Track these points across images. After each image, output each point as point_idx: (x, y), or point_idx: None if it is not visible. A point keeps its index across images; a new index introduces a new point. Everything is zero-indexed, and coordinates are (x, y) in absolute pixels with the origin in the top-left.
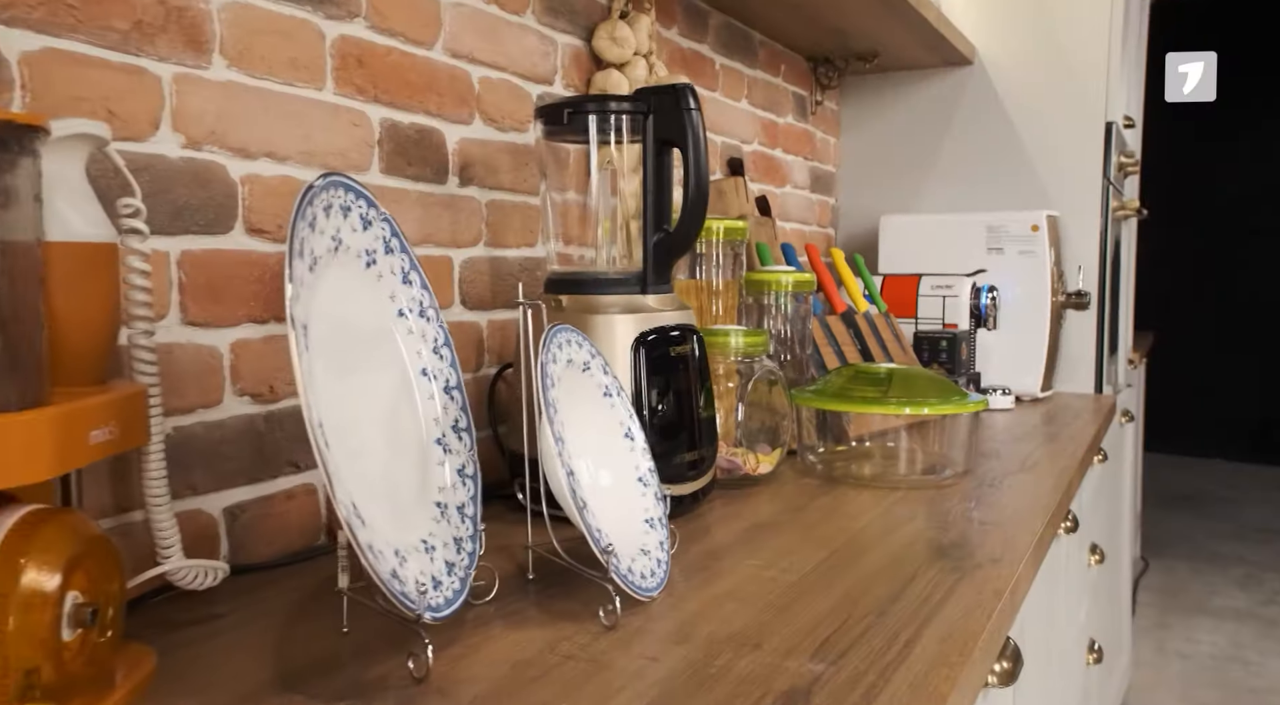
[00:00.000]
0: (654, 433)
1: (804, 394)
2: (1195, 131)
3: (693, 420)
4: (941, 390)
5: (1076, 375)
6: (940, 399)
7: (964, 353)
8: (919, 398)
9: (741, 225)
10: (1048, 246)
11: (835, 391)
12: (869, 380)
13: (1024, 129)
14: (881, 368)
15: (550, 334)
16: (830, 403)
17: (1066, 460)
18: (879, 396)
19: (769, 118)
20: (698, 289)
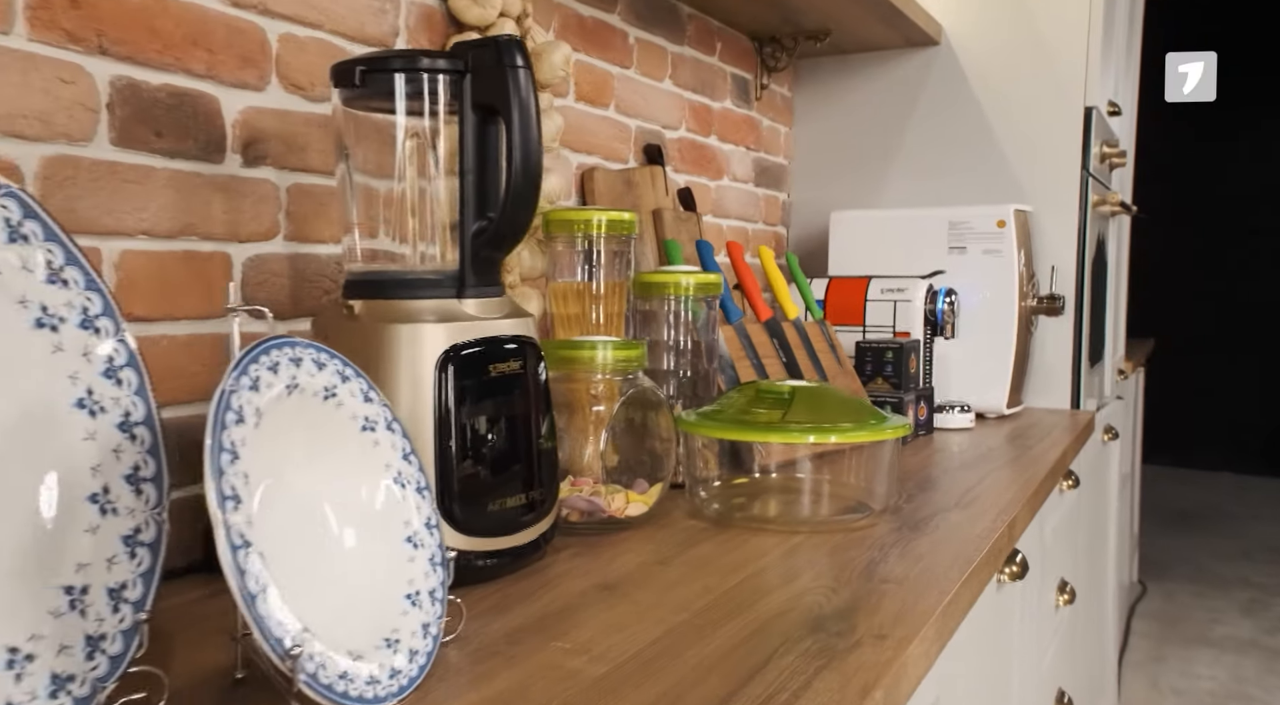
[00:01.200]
0: (469, 471)
1: (689, 418)
2: (1197, 130)
3: (529, 454)
4: (855, 413)
5: (1051, 389)
6: (853, 424)
7: (913, 365)
8: (823, 422)
9: (627, 218)
10: (1015, 245)
11: (730, 414)
12: (771, 401)
13: (995, 115)
14: (786, 386)
15: (251, 352)
16: (716, 429)
17: (1016, 492)
18: (777, 421)
19: (701, 101)
20: (578, 293)
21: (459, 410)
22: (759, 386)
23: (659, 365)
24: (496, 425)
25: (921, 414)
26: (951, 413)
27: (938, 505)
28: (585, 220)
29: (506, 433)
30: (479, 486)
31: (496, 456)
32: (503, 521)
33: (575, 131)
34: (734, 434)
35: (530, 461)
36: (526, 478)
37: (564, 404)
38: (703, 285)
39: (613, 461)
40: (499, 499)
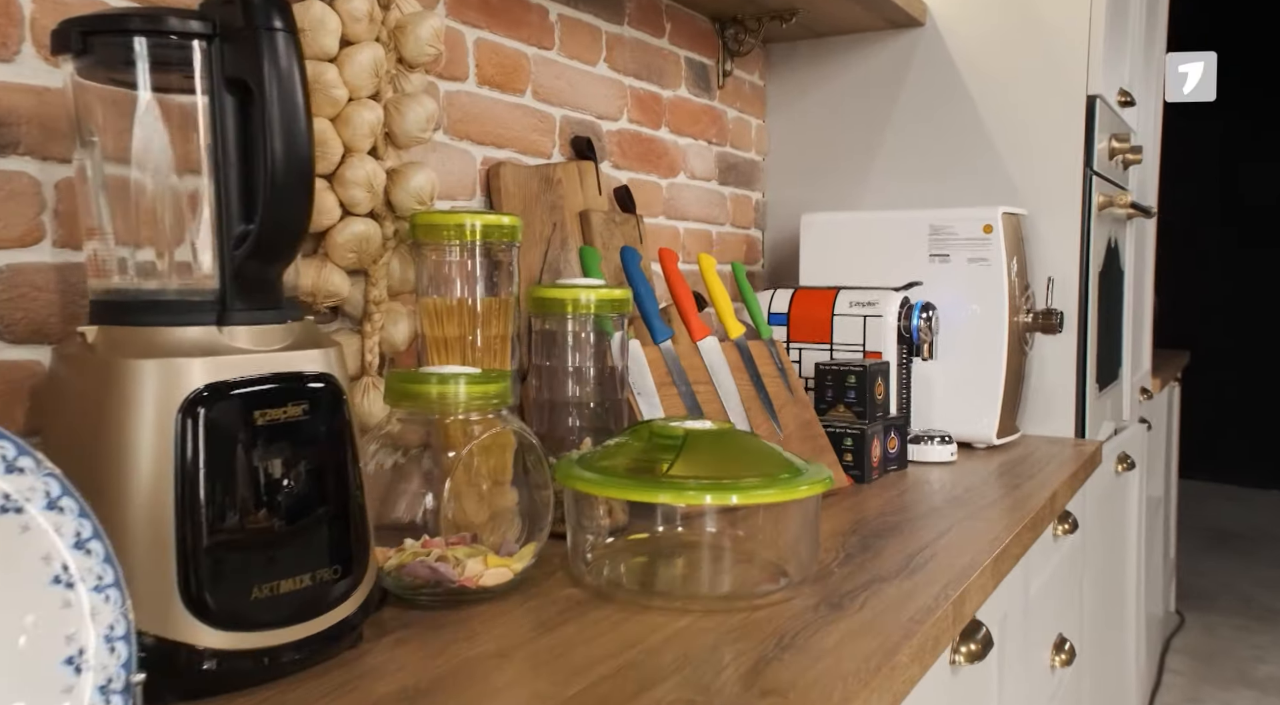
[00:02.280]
0: (225, 547)
1: (565, 466)
2: (1237, 130)
3: (319, 519)
4: (762, 463)
5: (1052, 415)
6: (761, 478)
7: (880, 390)
8: (722, 475)
9: (507, 222)
10: (1005, 252)
11: (611, 462)
12: (665, 445)
13: (986, 105)
14: (680, 427)
15: None
16: (586, 481)
17: (981, 549)
18: (662, 473)
19: (647, 89)
20: (451, 312)
21: (211, 469)
22: (653, 427)
23: (560, 395)
24: (271, 485)
25: (892, 446)
26: (930, 444)
27: (878, 570)
28: (456, 225)
29: (286, 494)
30: (240, 565)
31: (268, 525)
32: (277, 607)
33: (477, 121)
34: (594, 487)
35: (320, 528)
36: (316, 549)
37: (408, 449)
38: (608, 301)
39: (472, 516)
40: (271, 579)
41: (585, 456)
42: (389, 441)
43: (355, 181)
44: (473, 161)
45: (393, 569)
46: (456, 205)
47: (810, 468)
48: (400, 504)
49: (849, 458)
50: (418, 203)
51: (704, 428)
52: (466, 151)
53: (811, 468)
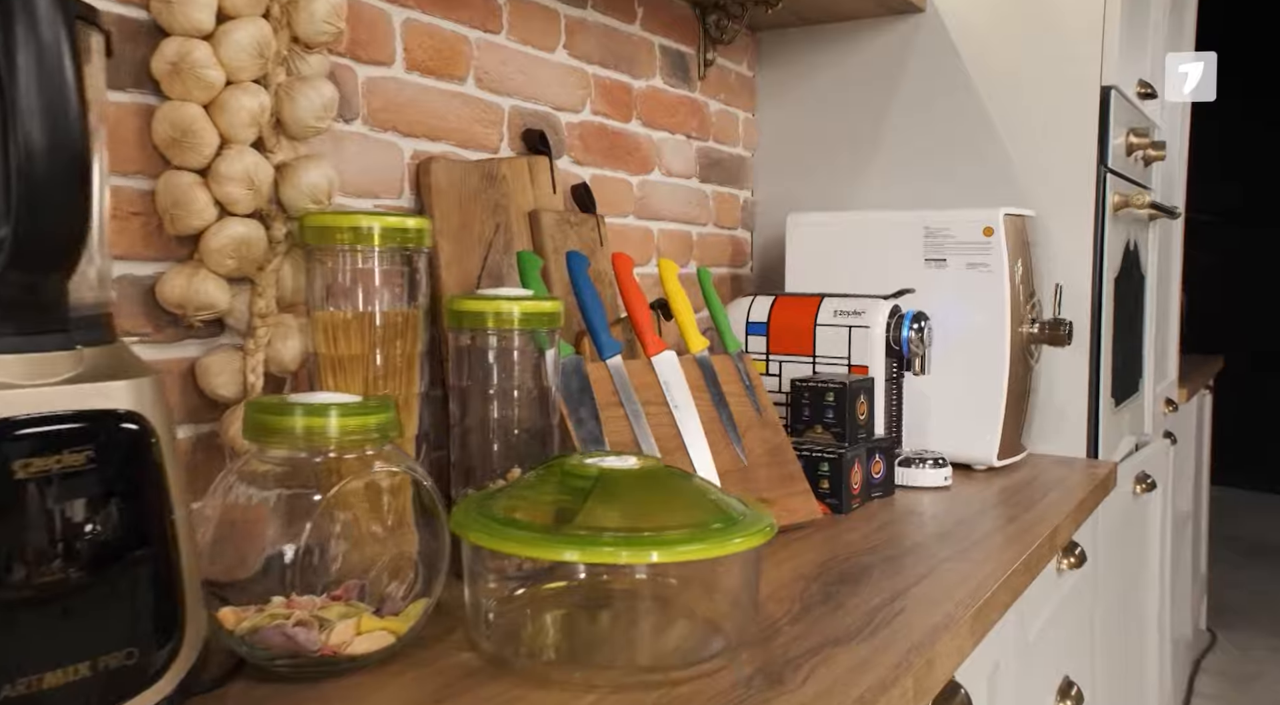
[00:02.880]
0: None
1: (462, 511)
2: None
3: (126, 586)
4: (688, 509)
5: (1062, 432)
6: (688, 531)
7: (862, 409)
8: (640, 525)
9: (412, 224)
10: (1007, 257)
11: (517, 505)
12: (576, 487)
13: (991, 97)
14: (595, 466)
15: None
16: (480, 531)
17: (963, 599)
18: (568, 520)
19: (615, 78)
20: (344, 326)
21: None
22: (565, 465)
23: (482, 421)
24: (41, 553)
25: (877, 471)
26: (921, 468)
27: (835, 628)
28: (352, 227)
29: (58, 565)
30: (31, 641)
31: (27, 602)
32: (46, 701)
33: (405, 110)
34: (488, 539)
35: (108, 603)
36: (101, 629)
37: (275, 490)
38: (535, 314)
39: (356, 568)
40: (27, 674)
41: (489, 498)
42: (249, 482)
43: (232, 176)
44: (400, 155)
45: (245, 633)
46: (381, 204)
47: (750, 514)
48: (259, 556)
49: (825, 485)
50: (312, 201)
51: (623, 466)
52: (392, 144)
53: (751, 514)
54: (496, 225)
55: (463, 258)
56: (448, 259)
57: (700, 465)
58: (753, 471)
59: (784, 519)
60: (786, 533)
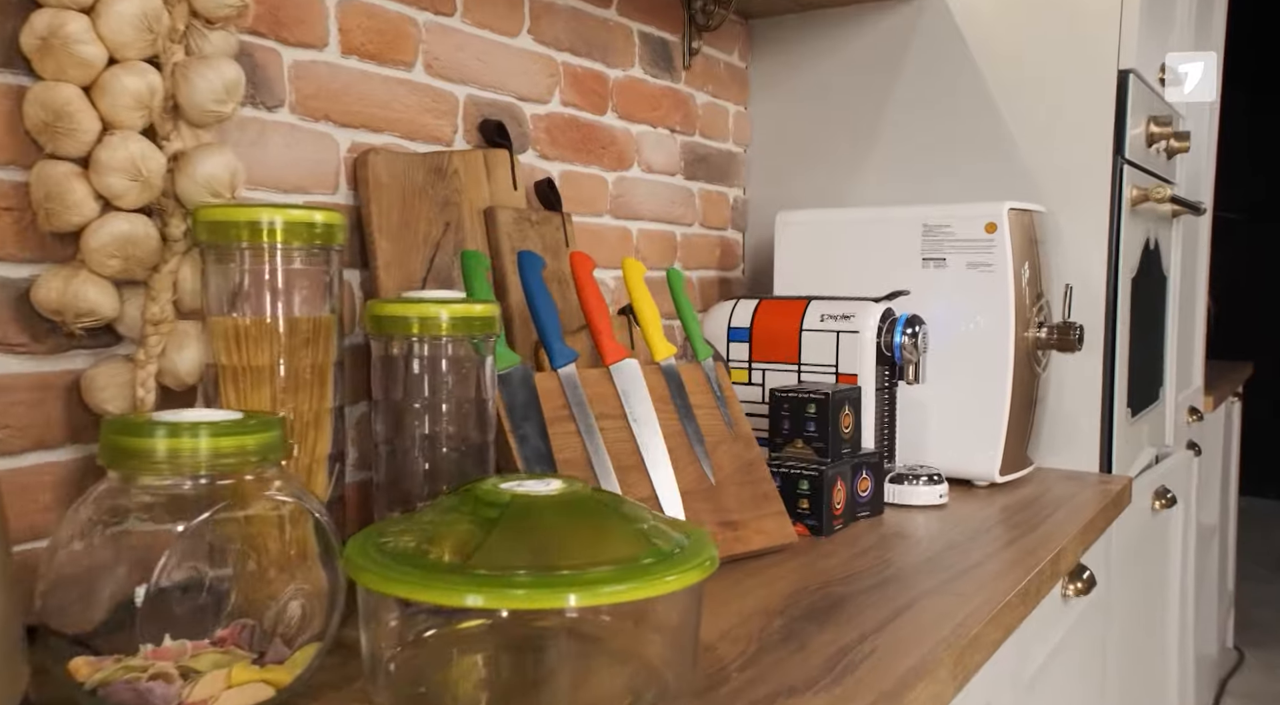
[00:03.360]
0: None
1: (357, 545)
2: None
3: None
4: (617, 541)
5: (1073, 445)
6: (614, 569)
7: (847, 422)
8: (556, 562)
9: (320, 219)
10: (1011, 256)
11: (422, 537)
12: (487, 515)
13: (998, 84)
14: (509, 490)
15: None
16: (371, 570)
17: (935, 643)
18: (462, 558)
19: (587, 67)
20: (244, 334)
21: None
22: (478, 490)
23: (406, 438)
24: None
25: (864, 488)
26: (914, 484)
27: (792, 674)
28: (250, 222)
29: None
30: None
31: None
32: None
33: (340, 98)
34: (376, 580)
35: None
36: None
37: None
38: (465, 319)
39: (242, 608)
40: None
41: (390, 529)
42: (108, 513)
43: (113, 166)
44: (335, 147)
45: (95, 687)
46: (313, 200)
47: (690, 545)
48: (115, 598)
49: (805, 504)
50: (209, 194)
51: (542, 492)
52: (326, 135)
53: (692, 544)
54: (446, 224)
55: (405, 259)
56: (387, 260)
57: (661, 484)
58: (721, 491)
59: (755, 543)
60: (758, 559)
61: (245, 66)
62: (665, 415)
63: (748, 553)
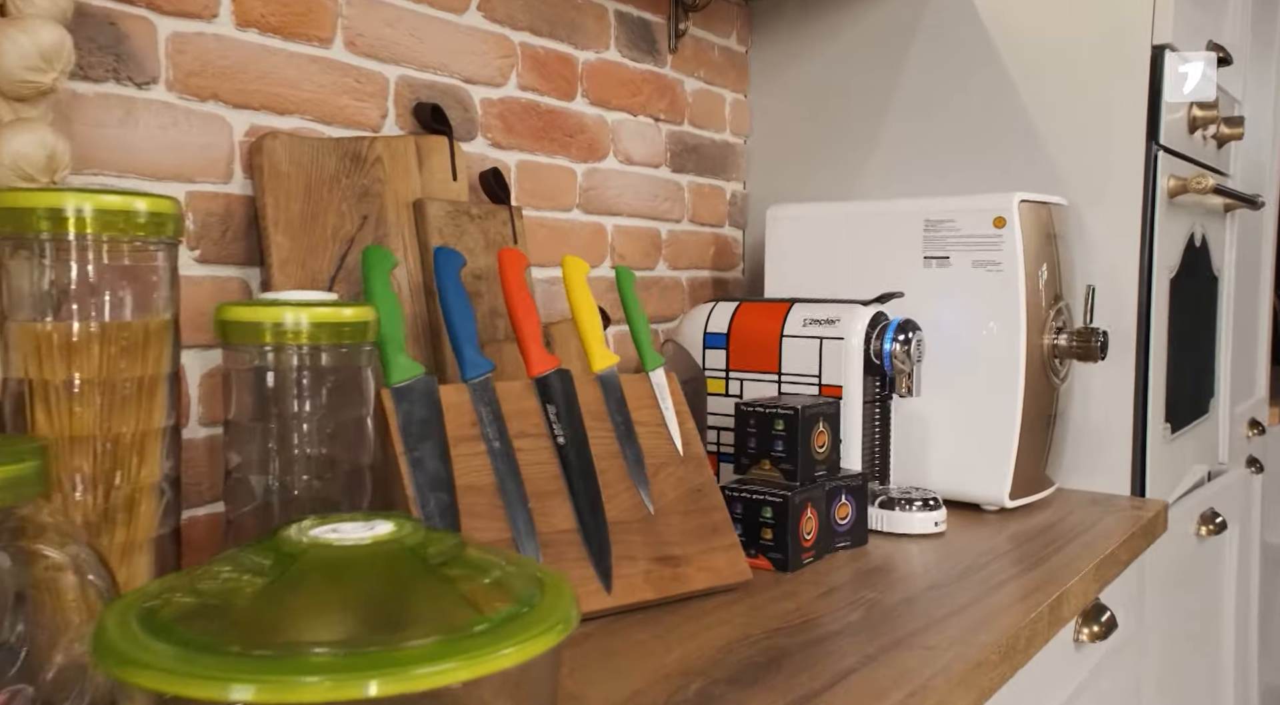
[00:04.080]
0: None
1: (113, 614)
2: None
3: None
4: (439, 604)
5: (1104, 463)
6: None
7: (821, 441)
8: (339, 641)
9: (144, 208)
10: (1021, 253)
11: (192, 605)
12: (281, 573)
13: (1015, 64)
14: (314, 538)
15: None
16: (110, 652)
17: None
18: (241, 631)
19: (551, 49)
20: (51, 344)
21: None
22: (280, 539)
23: (263, 466)
24: None
25: (843, 515)
26: (906, 510)
27: None
28: (50, 210)
29: None
30: None
31: None
32: None
33: (234, 76)
34: (108, 660)
35: None
36: None
37: None
38: (332, 326)
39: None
40: None
41: (171, 588)
42: None
43: None
44: (227, 130)
45: None
46: (198, 190)
47: (540, 602)
48: None
49: (768, 535)
50: (19, 177)
51: (353, 540)
52: (215, 116)
53: (543, 601)
54: (363, 217)
55: (308, 256)
56: (284, 257)
57: (586, 515)
58: (661, 521)
59: (697, 582)
60: (703, 600)
61: (106, 36)
62: (599, 433)
63: (689, 593)
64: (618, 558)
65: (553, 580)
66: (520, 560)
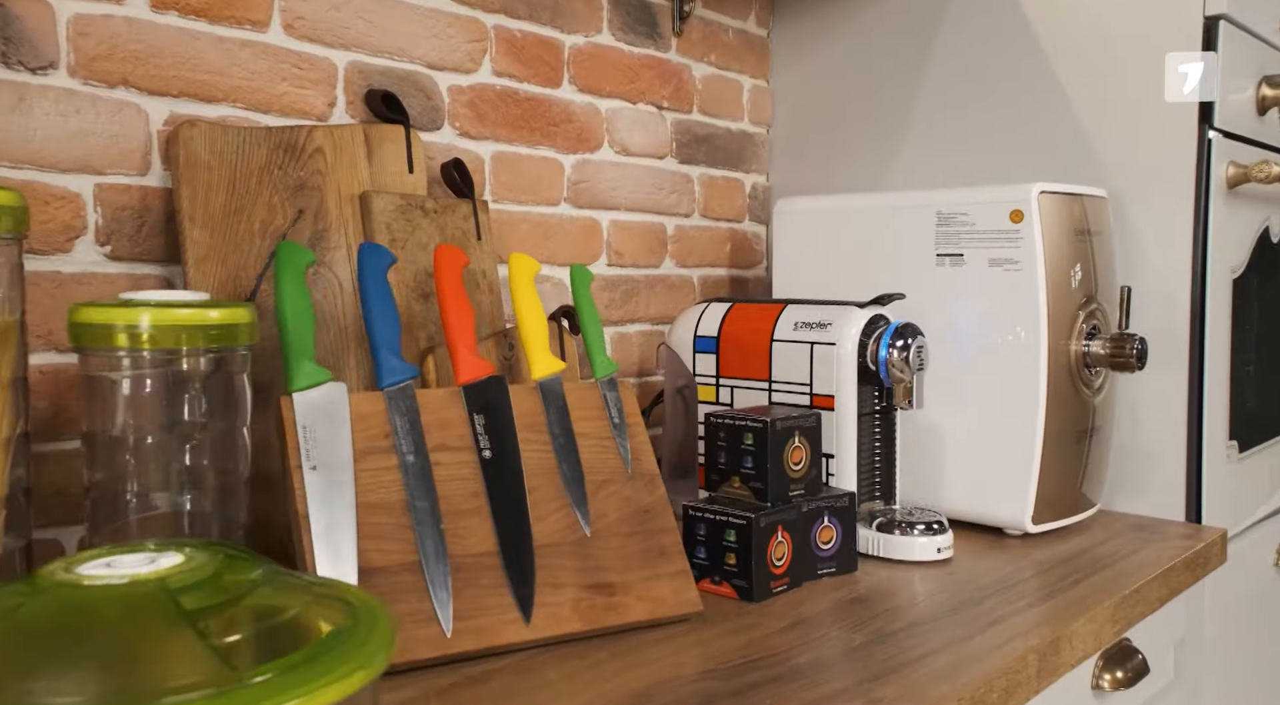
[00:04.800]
0: None
1: None
2: None
3: None
4: (199, 654)
5: (1157, 484)
6: (206, 698)
7: (798, 457)
8: (96, 694)
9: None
10: (1041, 249)
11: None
12: (26, 619)
13: (1052, 42)
14: (65, 578)
15: None
16: None
17: None
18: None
19: (531, 32)
20: None
21: None
22: (38, 577)
23: (118, 479)
24: None
25: (827, 539)
26: (908, 534)
27: None
28: None
29: None
30: None
31: None
32: None
33: (149, 60)
34: None
35: None
36: None
37: None
38: (196, 329)
39: None
40: None
41: None
42: None
43: None
44: (143, 119)
45: None
46: (108, 181)
47: (324, 656)
48: None
49: (732, 560)
50: None
51: (108, 579)
52: (128, 104)
53: (324, 658)
54: (299, 211)
55: (230, 253)
56: (201, 254)
57: (508, 537)
58: (598, 543)
59: (635, 613)
60: (644, 633)
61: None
62: (535, 446)
63: (625, 625)
64: (542, 584)
65: (371, 611)
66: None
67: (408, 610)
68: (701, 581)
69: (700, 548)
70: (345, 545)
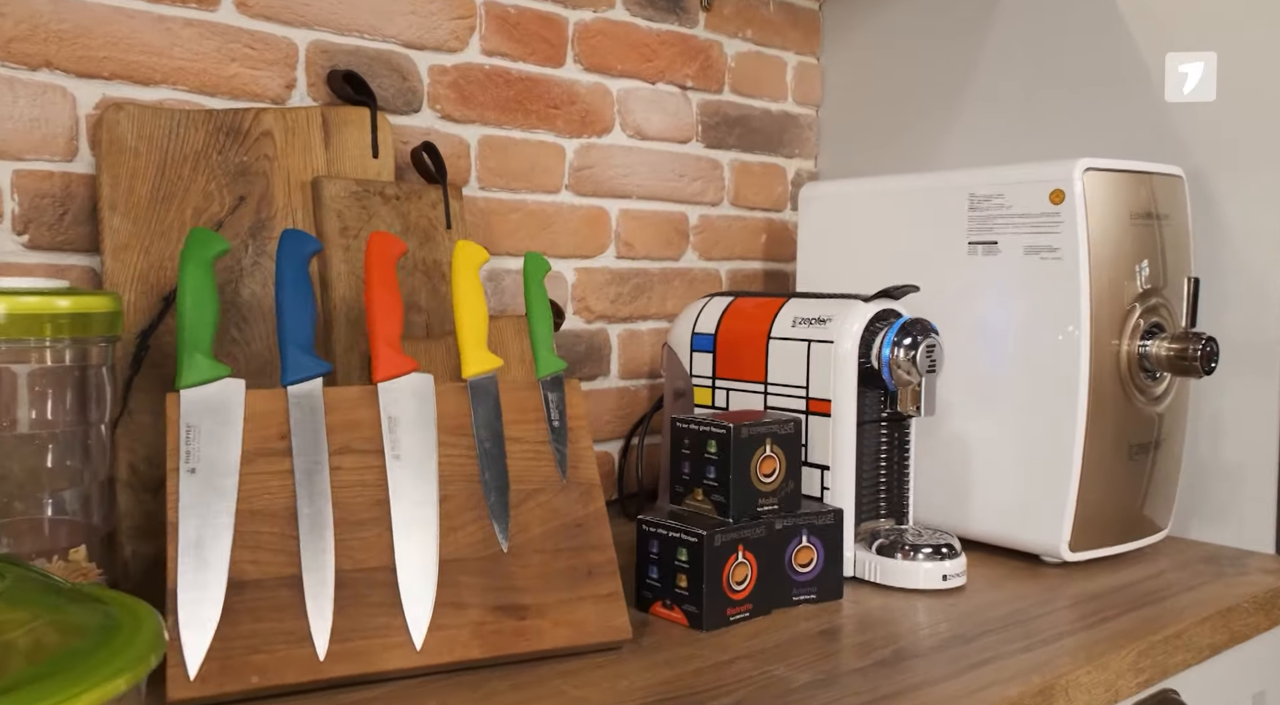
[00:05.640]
0: None
1: None
2: None
3: None
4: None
5: (1240, 509)
6: None
7: (770, 468)
8: None
9: None
10: (1084, 236)
11: None
12: None
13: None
14: None
15: None
16: None
17: None
18: None
19: (528, 7)
20: None
21: None
22: None
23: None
24: None
25: (805, 562)
26: (911, 558)
27: None
28: None
29: None
30: None
31: None
32: None
33: (77, 40)
34: None
35: None
36: None
37: None
38: (45, 319)
39: None
40: None
41: None
42: None
43: None
44: (68, 102)
45: None
46: (30, 168)
47: (116, 643)
48: None
49: (683, 582)
50: None
51: None
52: (51, 87)
53: (114, 646)
54: (239, 198)
55: (155, 241)
56: (121, 243)
57: (408, 550)
58: (515, 561)
59: (549, 640)
60: (559, 661)
61: None
62: (455, 451)
63: (536, 653)
64: (441, 604)
65: (136, 615)
66: (92, 611)
67: (279, 629)
68: (654, 605)
69: (653, 567)
70: (215, 556)
